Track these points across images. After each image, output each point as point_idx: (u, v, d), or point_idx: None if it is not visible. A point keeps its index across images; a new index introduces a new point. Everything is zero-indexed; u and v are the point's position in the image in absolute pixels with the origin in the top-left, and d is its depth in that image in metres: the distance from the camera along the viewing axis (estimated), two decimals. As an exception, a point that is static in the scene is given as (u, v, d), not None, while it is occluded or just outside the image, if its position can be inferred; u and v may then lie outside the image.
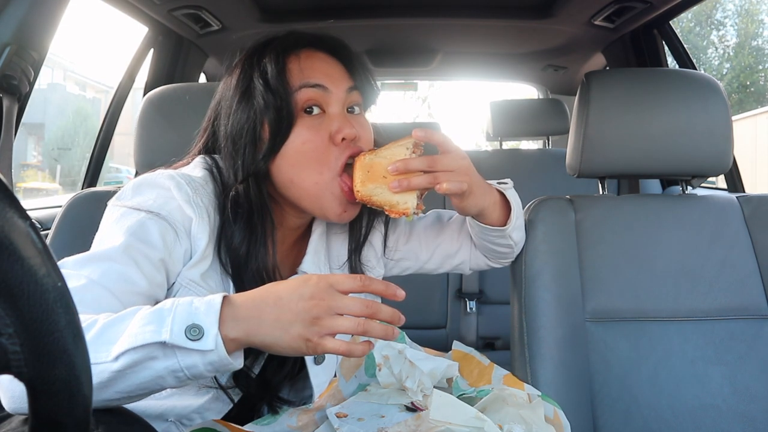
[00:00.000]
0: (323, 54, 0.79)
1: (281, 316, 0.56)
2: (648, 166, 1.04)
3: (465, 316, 1.96)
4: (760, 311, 0.97)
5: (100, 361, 0.53)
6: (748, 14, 13.50)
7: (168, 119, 1.14)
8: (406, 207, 0.74)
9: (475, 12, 1.74)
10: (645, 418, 0.92)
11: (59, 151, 12.69)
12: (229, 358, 0.55)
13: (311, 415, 0.75)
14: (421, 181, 0.73)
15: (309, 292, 0.57)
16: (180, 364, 0.54)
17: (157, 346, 0.53)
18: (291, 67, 0.76)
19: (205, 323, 0.54)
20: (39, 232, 0.32)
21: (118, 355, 0.53)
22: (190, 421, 0.77)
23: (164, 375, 0.55)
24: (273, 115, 0.73)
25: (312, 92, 0.75)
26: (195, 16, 1.64)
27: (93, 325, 0.55)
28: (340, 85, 0.77)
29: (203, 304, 0.56)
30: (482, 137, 9.38)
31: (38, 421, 0.34)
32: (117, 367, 0.53)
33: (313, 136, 0.74)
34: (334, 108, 0.76)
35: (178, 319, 0.54)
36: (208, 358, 0.54)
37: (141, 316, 0.55)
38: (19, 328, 0.30)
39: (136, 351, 0.53)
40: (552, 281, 0.97)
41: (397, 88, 2.87)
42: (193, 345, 0.53)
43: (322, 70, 0.77)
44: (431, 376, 0.77)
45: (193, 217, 0.71)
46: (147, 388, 0.56)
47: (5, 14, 1.07)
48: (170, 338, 0.53)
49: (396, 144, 0.75)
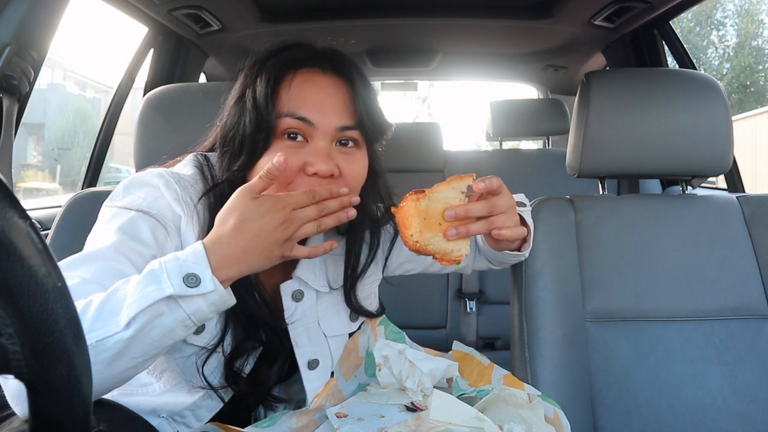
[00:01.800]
0: (325, 79, 0.75)
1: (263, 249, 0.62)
2: (648, 166, 1.04)
3: (465, 316, 1.96)
4: (760, 311, 0.97)
5: (111, 332, 0.55)
6: (748, 14, 13.50)
7: (168, 119, 1.14)
8: (460, 255, 0.69)
9: (475, 12, 1.74)
10: (645, 418, 0.92)
11: (59, 151, 12.68)
12: (228, 295, 0.60)
13: (311, 415, 0.75)
14: (479, 228, 0.69)
15: (279, 217, 0.63)
16: (186, 313, 0.58)
17: (163, 302, 0.57)
18: (283, 88, 0.73)
19: (198, 270, 0.59)
20: (39, 232, 0.32)
21: (128, 322, 0.55)
22: (182, 418, 0.77)
23: (174, 327, 0.58)
24: (253, 132, 0.72)
25: (295, 123, 0.72)
26: (195, 16, 1.64)
27: (89, 305, 0.57)
28: (331, 120, 0.73)
29: (189, 254, 0.60)
30: (482, 137, 9.37)
31: (38, 420, 0.34)
32: (130, 333, 0.55)
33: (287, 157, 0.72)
34: (318, 142, 0.73)
35: (173, 273, 0.58)
36: (210, 299, 0.59)
37: (135, 281, 0.58)
38: (19, 328, 0.30)
39: (145, 312, 0.56)
40: (552, 281, 0.97)
41: (397, 88, 2.86)
42: (194, 291, 0.58)
43: (314, 101, 0.73)
44: (431, 376, 0.77)
45: (182, 215, 0.72)
46: (159, 345, 0.59)
47: (5, 14, 1.07)
48: (173, 291, 0.57)
49: (447, 186, 0.69)
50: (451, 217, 0.68)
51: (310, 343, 0.81)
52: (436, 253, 0.69)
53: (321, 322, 0.83)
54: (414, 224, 0.68)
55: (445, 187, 0.69)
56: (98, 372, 0.55)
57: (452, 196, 0.69)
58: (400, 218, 0.69)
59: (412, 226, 0.68)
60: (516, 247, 0.87)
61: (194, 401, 0.77)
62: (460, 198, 0.69)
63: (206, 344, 0.74)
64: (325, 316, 0.83)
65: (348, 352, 0.84)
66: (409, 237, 0.69)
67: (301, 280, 0.81)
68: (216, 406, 0.78)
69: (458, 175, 0.70)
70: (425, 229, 0.68)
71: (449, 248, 0.69)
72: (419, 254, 0.70)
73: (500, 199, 0.70)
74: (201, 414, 0.78)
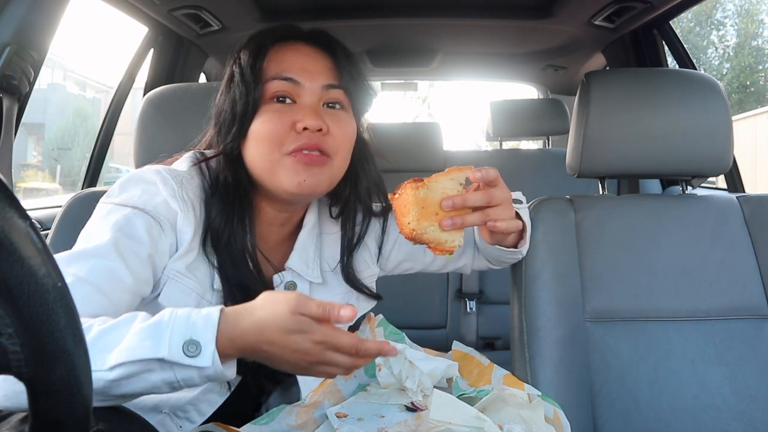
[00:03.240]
0: (310, 49, 0.79)
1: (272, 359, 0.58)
2: (648, 166, 1.04)
3: (465, 316, 1.96)
4: (760, 311, 0.97)
5: (96, 369, 0.52)
6: (748, 14, 13.50)
7: (168, 119, 1.14)
8: (453, 245, 0.70)
9: (475, 12, 1.74)
10: (645, 418, 0.92)
11: (59, 151, 12.69)
12: (224, 373, 0.56)
13: (310, 413, 0.75)
14: (475, 219, 0.70)
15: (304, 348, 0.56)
16: (176, 377, 0.55)
17: (155, 362, 0.54)
18: (270, 58, 0.77)
19: (202, 339, 0.54)
20: (39, 232, 0.32)
21: (113, 366, 0.53)
22: (184, 413, 0.77)
23: (159, 385, 0.55)
24: (242, 98, 0.75)
25: (282, 84, 0.75)
26: (195, 16, 1.64)
27: (88, 330, 0.55)
28: (317, 79, 0.76)
29: (201, 318, 0.56)
30: (482, 137, 9.37)
31: (38, 420, 0.34)
32: (112, 377, 0.53)
33: (275, 119, 0.74)
34: (306, 100, 0.76)
35: (176, 334, 0.54)
36: (204, 372, 0.55)
37: (138, 328, 0.55)
38: (19, 328, 0.30)
39: (134, 364, 0.53)
40: (552, 281, 0.97)
41: (397, 88, 2.86)
42: (190, 362, 0.54)
43: (299, 64, 0.76)
44: (431, 376, 0.77)
45: (179, 211, 0.72)
46: (140, 395, 0.57)
47: (5, 14, 1.07)
48: (168, 355, 0.53)
49: (445, 176, 0.70)
50: (449, 207, 0.69)
51: None
52: (431, 243, 0.70)
53: None
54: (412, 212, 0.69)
55: (444, 177, 0.70)
56: None
57: (450, 186, 0.70)
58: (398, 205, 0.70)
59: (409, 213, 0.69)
60: (512, 243, 0.87)
61: (196, 395, 0.77)
62: (457, 189, 0.70)
63: None
64: None
65: (348, 352, 0.84)
66: (406, 224, 0.69)
67: (293, 271, 0.81)
68: (218, 400, 0.79)
69: (457, 167, 0.71)
70: (422, 218, 0.69)
71: (443, 238, 0.70)
72: (414, 242, 0.70)
73: (497, 191, 0.71)
74: (203, 408, 0.78)
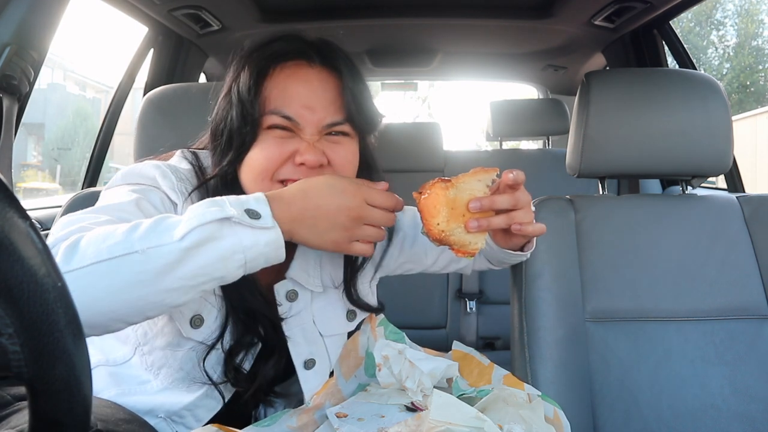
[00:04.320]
0: (313, 72, 0.75)
1: (319, 223, 0.62)
2: (648, 166, 1.04)
3: (465, 316, 1.96)
4: (760, 311, 0.97)
5: (165, 242, 0.54)
6: (748, 14, 13.50)
7: (168, 119, 1.14)
8: (476, 247, 0.69)
9: (475, 12, 1.74)
10: (645, 418, 0.92)
11: (59, 151, 12.70)
12: (282, 240, 0.59)
13: (311, 414, 0.75)
14: (501, 222, 0.69)
15: (347, 204, 0.63)
16: (242, 243, 0.57)
17: (223, 223, 0.56)
18: (267, 82, 0.73)
19: (259, 208, 0.59)
20: (39, 232, 0.32)
21: (184, 235, 0.55)
22: (180, 418, 0.77)
23: (227, 255, 0.56)
24: (240, 126, 0.73)
25: (281, 121, 0.72)
26: (195, 16, 1.64)
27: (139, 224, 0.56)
28: (318, 118, 0.73)
29: (250, 198, 0.60)
30: (482, 137, 9.37)
31: (38, 420, 0.34)
32: (185, 245, 0.54)
33: (274, 147, 0.72)
34: (306, 135, 0.73)
35: (234, 204, 0.58)
36: (267, 236, 0.58)
37: (199, 204, 0.58)
38: (19, 328, 0.30)
39: (203, 228, 0.55)
40: (552, 281, 0.97)
41: (397, 88, 2.86)
42: (254, 222, 0.57)
43: (299, 98, 0.73)
44: (431, 376, 0.77)
45: (178, 203, 0.73)
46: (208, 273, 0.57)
47: (5, 14, 1.07)
48: (235, 215, 0.57)
49: (472, 177, 0.68)
50: (476, 209, 0.67)
51: (305, 342, 0.82)
52: (455, 244, 0.68)
53: (317, 322, 0.83)
54: (442, 212, 0.67)
55: (471, 178, 0.69)
56: (141, 284, 0.54)
57: (477, 188, 0.69)
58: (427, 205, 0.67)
59: (439, 214, 0.67)
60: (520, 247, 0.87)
61: (192, 401, 0.76)
62: (484, 190, 0.69)
63: (204, 340, 0.74)
64: (320, 315, 0.84)
65: (347, 352, 0.84)
66: (435, 225, 0.67)
67: (294, 280, 0.81)
68: (215, 406, 0.78)
69: (482, 168, 0.69)
70: (451, 219, 0.67)
71: (467, 240, 0.68)
72: (439, 244, 0.69)
73: (522, 194, 0.70)
74: (200, 414, 0.77)
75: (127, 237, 0.55)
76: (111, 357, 0.78)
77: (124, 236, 0.55)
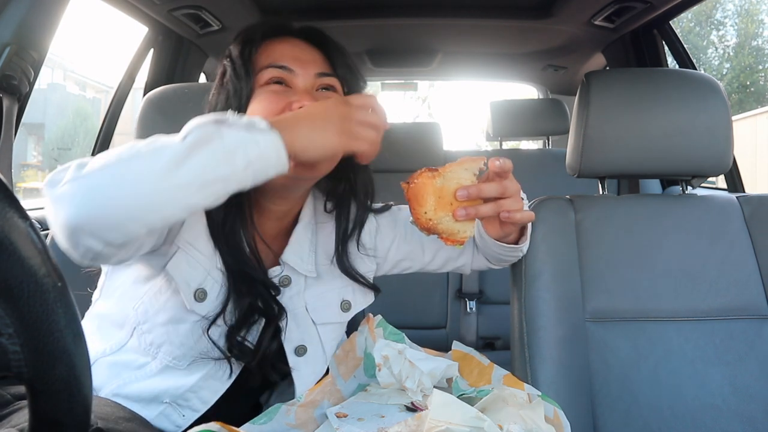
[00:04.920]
0: (302, 42, 0.82)
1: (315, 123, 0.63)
2: (648, 166, 1.04)
3: (465, 316, 1.96)
4: (760, 311, 0.97)
5: (170, 144, 0.56)
6: (748, 14, 13.51)
7: (168, 119, 1.13)
8: (465, 236, 0.69)
9: (475, 12, 1.74)
10: (645, 418, 0.92)
11: (59, 151, 12.70)
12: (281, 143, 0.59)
13: (309, 412, 0.75)
14: (488, 210, 0.70)
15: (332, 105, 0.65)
16: (243, 141, 0.57)
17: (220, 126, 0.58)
18: (261, 51, 0.79)
19: (255, 120, 0.60)
20: (39, 232, 0.32)
21: (185, 135, 0.57)
22: (186, 401, 0.77)
23: (230, 150, 0.57)
24: (235, 88, 0.76)
25: (275, 71, 0.77)
26: (195, 16, 1.64)
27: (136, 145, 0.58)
28: (309, 68, 0.78)
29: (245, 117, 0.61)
30: (482, 137, 9.37)
31: (38, 420, 0.34)
32: (187, 142, 0.56)
33: (271, 99, 0.76)
34: (300, 84, 0.78)
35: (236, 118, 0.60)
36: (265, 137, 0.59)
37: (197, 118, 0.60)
38: (19, 328, 0.30)
39: (202, 129, 0.57)
40: (552, 281, 0.97)
41: (397, 88, 2.86)
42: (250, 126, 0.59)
43: (292, 55, 0.79)
44: (431, 376, 0.77)
45: None
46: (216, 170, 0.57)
47: (5, 14, 1.07)
48: (232, 119, 0.59)
49: (459, 166, 0.69)
50: (464, 197, 0.68)
51: (297, 328, 0.82)
52: (443, 233, 0.69)
53: (309, 309, 0.84)
54: (429, 201, 0.68)
55: (458, 167, 0.69)
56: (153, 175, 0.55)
57: (464, 177, 0.69)
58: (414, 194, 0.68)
59: (426, 203, 0.68)
60: (513, 240, 0.87)
61: (196, 382, 0.77)
62: (471, 179, 0.69)
63: (207, 314, 0.75)
64: (313, 303, 0.84)
65: (345, 353, 0.85)
66: (422, 214, 0.68)
67: (288, 265, 0.82)
68: (220, 387, 0.79)
69: (470, 157, 0.69)
70: (438, 208, 0.68)
71: (456, 228, 0.69)
72: (428, 233, 0.69)
73: (510, 182, 0.71)
74: (205, 396, 0.78)
75: (133, 145, 0.57)
76: (108, 344, 0.78)
77: (129, 146, 0.57)
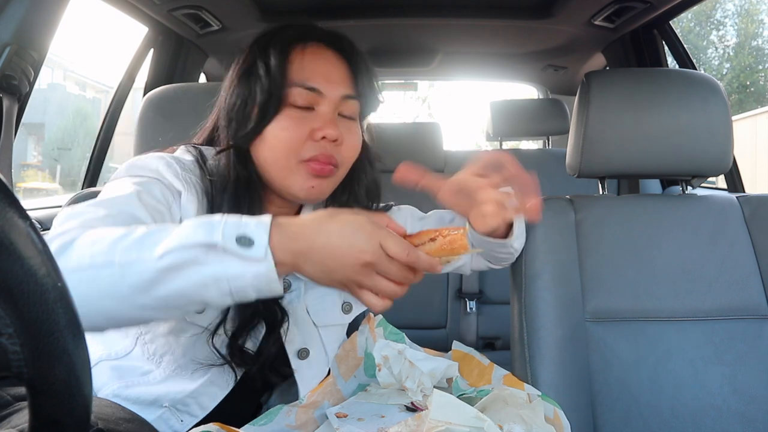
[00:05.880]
0: (330, 53, 0.80)
1: (327, 262, 0.56)
2: (648, 166, 1.04)
3: (465, 316, 1.96)
4: (760, 311, 0.97)
5: (144, 259, 0.52)
6: (748, 14, 13.51)
7: (168, 119, 1.14)
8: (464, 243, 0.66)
9: (475, 12, 1.74)
10: (645, 419, 0.92)
11: (59, 151, 12.71)
12: (275, 274, 0.53)
13: (310, 413, 0.75)
14: None
15: (360, 246, 0.56)
16: (227, 272, 0.52)
17: (205, 249, 0.52)
18: (293, 60, 0.77)
19: (255, 236, 0.53)
20: (39, 232, 0.32)
21: (163, 254, 0.52)
22: (185, 406, 0.77)
23: (208, 282, 0.53)
24: (264, 99, 0.75)
25: (305, 94, 0.76)
26: (195, 16, 1.64)
27: (131, 232, 0.54)
28: (337, 89, 0.78)
29: (253, 220, 0.55)
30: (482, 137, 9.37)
31: (38, 420, 0.34)
32: (162, 265, 0.51)
33: (294, 126, 0.75)
34: (324, 108, 0.77)
35: (229, 228, 0.53)
36: (256, 268, 0.53)
37: (190, 222, 0.54)
38: (19, 328, 0.30)
39: (184, 250, 0.52)
40: (552, 281, 0.97)
41: (397, 88, 2.86)
42: (242, 251, 0.52)
43: (322, 72, 0.78)
44: (431, 376, 0.77)
45: (182, 190, 0.74)
46: (187, 296, 0.53)
47: (5, 14, 1.07)
48: (221, 241, 0.52)
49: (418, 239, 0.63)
50: None
51: (299, 331, 0.82)
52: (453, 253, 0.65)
53: (310, 312, 0.84)
54: None
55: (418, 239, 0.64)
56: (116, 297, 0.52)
57: None
58: None
59: None
60: (501, 234, 0.87)
61: (196, 388, 0.77)
62: None
63: (208, 325, 0.75)
64: (314, 305, 0.84)
65: (346, 353, 0.85)
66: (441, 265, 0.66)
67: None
68: (220, 393, 0.79)
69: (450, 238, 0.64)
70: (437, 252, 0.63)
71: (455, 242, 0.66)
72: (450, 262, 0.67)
73: None
74: (204, 402, 0.78)
75: (113, 247, 0.53)
76: (113, 350, 0.79)
77: (110, 245, 0.53)
